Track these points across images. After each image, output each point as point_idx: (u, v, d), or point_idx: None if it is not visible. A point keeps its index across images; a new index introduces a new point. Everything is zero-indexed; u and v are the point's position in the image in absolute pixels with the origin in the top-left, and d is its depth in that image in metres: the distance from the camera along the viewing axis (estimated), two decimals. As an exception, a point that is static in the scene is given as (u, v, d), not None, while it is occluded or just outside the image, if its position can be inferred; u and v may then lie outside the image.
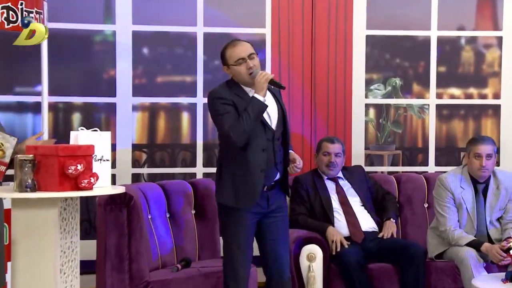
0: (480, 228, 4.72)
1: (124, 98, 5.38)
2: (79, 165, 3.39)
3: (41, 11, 4.41)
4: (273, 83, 3.90)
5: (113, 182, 5.17)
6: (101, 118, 6.22)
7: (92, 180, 3.47)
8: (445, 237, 4.69)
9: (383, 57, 6.39)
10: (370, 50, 5.91)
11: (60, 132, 6.05)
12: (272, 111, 3.94)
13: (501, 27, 5.62)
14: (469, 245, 4.59)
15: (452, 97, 6.64)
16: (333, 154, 4.98)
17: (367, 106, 6.00)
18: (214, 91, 3.92)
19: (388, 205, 5.06)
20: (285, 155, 4.00)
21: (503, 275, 4.17)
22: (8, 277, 3.67)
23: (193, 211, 4.88)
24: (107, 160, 3.85)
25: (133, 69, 5.47)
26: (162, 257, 4.60)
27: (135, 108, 5.75)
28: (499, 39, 5.74)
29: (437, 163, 5.69)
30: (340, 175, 5.06)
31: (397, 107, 6.57)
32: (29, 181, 3.30)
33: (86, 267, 4.33)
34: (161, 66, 5.95)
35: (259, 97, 3.82)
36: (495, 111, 6.26)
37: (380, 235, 4.86)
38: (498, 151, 5.33)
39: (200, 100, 5.47)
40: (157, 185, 4.84)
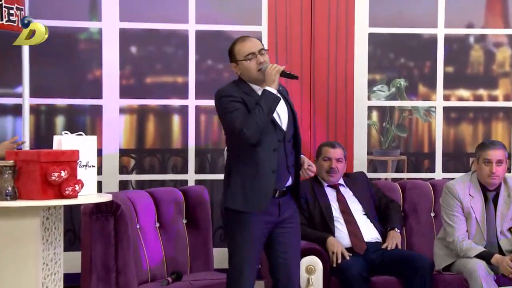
0: (490, 238, 4.73)
1: (111, 100, 5.37)
2: (62, 171, 3.39)
3: (22, 7, 4.41)
4: (285, 75, 3.92)
5: (99, 189, 5.15)
6: (86, 121, 6.22)
7: (76, 187, 3.47)
8: (453, 248, 4.69)
9: (386, 56, 6.40)
10: (372, 49, 5.92)
11: (42, 136, 6.04)
12: (282, 111, 3.95)
13: (512, 25, 5.65)
14: (478, 256, 4.60)
15: (460, 99, 6.65)
16: (334, 159, 4.98)
17: (370, 108, 6.01)
18: (221, 89, 3.94)
19: (392, 214, 5.06)
20: (297, 158, 4.01)
21: (515, 288, 4.18)
22: (-14, 291, 3.66)
23: (185, 221, 4.88)
24: (93, 166, 3.85)
25: (121, 69, 5.47)
26: (151, 270, 4.59)
27: (122, 110, 5.75)
28: (510, 37, 5.76)
29: (445, 170, 5.69)
30: (341, 182, 5.06)
31: (401, 110, 6.59)
32: (9, 188, 3.30)
33: (70, 281, 4.32)
34: (150, 66, 5.96)
35: (271, 89, 3.84)
36: (506, 114, 6.27)
37: (383, 246, 4.86)
38: (509, 156, 5.34)
39: (192, 102, 5.47)
40: (146, 192, 4.83)
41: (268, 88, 3.84)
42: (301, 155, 4.05)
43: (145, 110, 6.19)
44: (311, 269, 4.60)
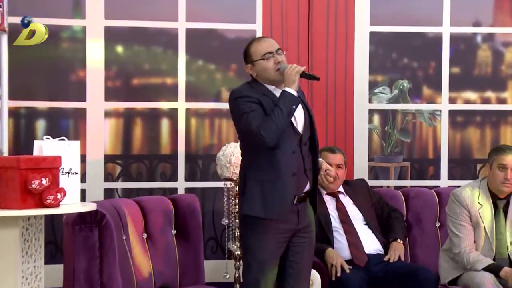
0: (499, 250, 4.73)
1: (95, 102, 5.36)
2: (44, 179, 3.38)
3: (1, 4, 4.41)
4: (305, 76, 3.97)
5: (83, 198, 5.15)
6: (69, 125, 6.21)
7: (58, 196, 3.46)
8: (460, 260, 4.69)
9: (389, 56, 6.41)
10: (374, 48, 5.93)
11: (22, 141, 6.03)
12: (298, 113, 3.98)
13: (522, 23, 5.67)
14: (487, 269, 4.59)
15: (467, 101, 6.66)
16: (333, 165, 4.98)
17: (371, 112, 6.01)
18: (236, 90, 3.97)
19: (395, 224, 5.06)
20: (314, 163, 4.04)
21: (525, 303, 4.18)
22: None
23: (174, 231, 4.87)
24: (76, 173, 3.84)
25: (106, 69, 5.46)
26: (138, 283, 4.58)
27: (108, 114, 5.73)
28: (520, 37, 5.78)
29: (450, 177, 5.70)
30: (340, 189, 5.07)
31: (404, 113, 6.59)
32: (-13, 197, 3.29)
33: (51, 295, 4.31)
34: (137, 66, 5.95)
35: (291, 90, 3.88)
36: (516, 117, 6.29)
37: (386, 258, 4.86)
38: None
39: (182, 105, 5.46)
40: (133, 201, 4.83)
41: (287, 89, 3.88)
42: (319, 159, 4.09)
43: (132, 113, 6.18)
44: (309, 283, 4.60)
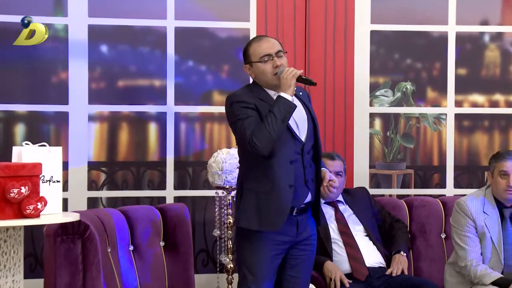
0: (508, 262, 4.73)
1: (78, 106, 5.35)
2: (23, 187, 3.38)
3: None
4: (302, 80, 3.97)
5: (65, 208, 5.14)
6: (50, 130, 6.19)
7: (39, 205, 3.46)
8: (466, 274, 4.69)
9: (391, 57, 6.41)
10: (375, 48, 5.93)
11: None
12: (300, 119, 3.99)
13: (532, 21, 5.68)
14: (495, 284, 4.60)
15: (474, 105, 6.66)
16: (333, 172, 4.98)
17: (372, 116, 6.01)
18: (233, 94, 3.99)
19: (397, 235, 5.06)
20: (317, 173, 4.04)
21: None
22: None
23: (162, 243, 4.87)
24: (58, 181, 3.84)
25: (90, 70, 5.45)
26: (124, 299, 4.58)
27: (91, 118, 5.73)
28: (530, 36, 5.79)
29: (457, 185, 5.70)
30: (340, 198, 5.07)
31: (408, 117, 6.59)
32: (-38, 207, 3.28)
33: (31, 312, 4.30)
34: (123, 67, 5.94)
35: (287, 96, 3.88)
36: (526, 122, 6.29)
37: (388, 272, 4.86)
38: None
39: (170, 108, 5.46)
40: (119, 211, 4.83)
41: (282, 94, 3.89)
42: (322, 168, 4.08)
43: (117, 117, 6.16)
44: (307, 298, 4.60)
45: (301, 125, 3.99)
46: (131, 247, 4.76)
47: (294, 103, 3.90)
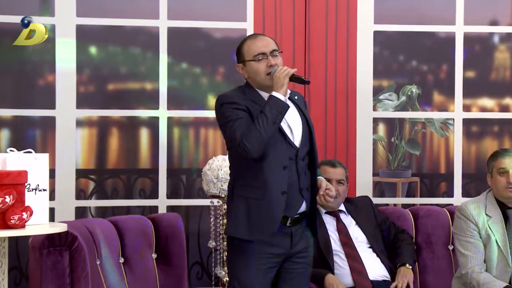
0: (516, 264, 4.72)
1: (65, 110, 5.36)
2: (7, 196, 3.38)
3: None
4: (295, 79, 3.97)
5: (52, 218, 5.14)
6: (36, 136, 6.20)
7: (24, 215, 3.46)
8: (468, 282, 4.66)
9: (395, 58, 6.43)
10: (379, 50, 5.95)
11: (-17, 154, 6.01)
12: (295, 124, 3.99)
13: (544, 22, 5.70)
14: (501, 293, 4.60)
15: (483, 109, 6.68)
16: (334, 181, 4.98)
17: (376, 120, 6.03)
18: (223, 95, 3.99)
19: (402, 247, 5.06)
20: (313, 181, 4.04)
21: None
22: None
23: (154, 255, 4.87)
24: (44, 190, 3.84)
25: (78, 73, 5.45)
26: (114, 315, 4.58)
27: (80, 123, 5.73)
28: (542, 37, 5.80)
29: (465, 194, 5.70)
30: (341, 208, 5.07)
31: (413, 123, 6.60)
32: None
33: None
34: (113, 69, 5.95)
35: (279, 95, 3.88)
36: (537, 127, 6.31)
37: (393, 286, 4.86)
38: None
39: (163, 113, 5.46)
40: (108, 221, 4.82)
41: (275, 93, 3.89)
42: (319, 177, 4.08)
43: (107, 122, 6.18)
44: (306, 313, 4.60)
45: (295, 130, 3.99)
46: (122, 260, 4.76)
47: (286, 103, 3.90)
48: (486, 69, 6.65)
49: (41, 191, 3.81)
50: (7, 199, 3.35)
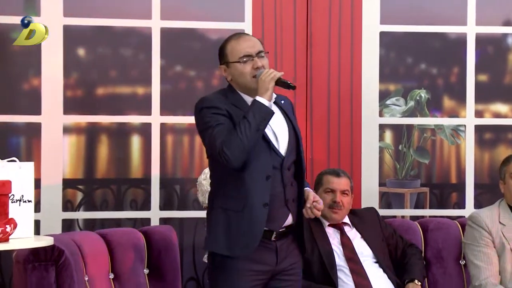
0: (532, 275, 4.73)
1: (52, 116, 5.35)
2: (-10, 207, 3.37)
3: None
4: (281, 84, 3.95)
5: (37, 231, 5.13)
6: (20, 144, 6.19)
7: (7, 228, 3.45)
8: (482, 296, 4.67)
9: (403, 61, 6.42)
10: (385, 51, 5.94)
11: (-36, 163, 6.01)
12: (280, 131, 3.99)
13: (561, 22, 5.71)
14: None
15: (496, 115, 6.67)
16: (338, 191, 4.99)
17: (382, 127, 6.02)
18: (203, 99, 3.98)
19: (411, 261, 5.06)
20: (300, 192, 4.02)
21: None
22: None
23: (147, 270, 4.86)
24: (29, 201, 3.84)
25: (65, 77, 5.45)
26: (103, 334, 4.58)
27: (67, 130, 5.73)
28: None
29: (477, 205, 5.70)
30: (346, 220, 5.07)
31: (422, 129, 6.60)
32: None
33: None
34: (103, 73, 5.94)
35: (263, 100, 3.86)
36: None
37: (400, 303, 4.87)
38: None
39: (156, 119, 5.46)
40: (97, 235, 4.82)
41: (259, 98, 3.87)
42: (306, 188, 4.06)
43: (96, 129, 6.16)
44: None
45: (281, 137, 3.98)
46: (111, 275, 4.75)
47: (271, 109, 3.87)
48: (499, 72, 6.64)
49: (25, 202, 3.81)
50: (-10, 211, 3.35)
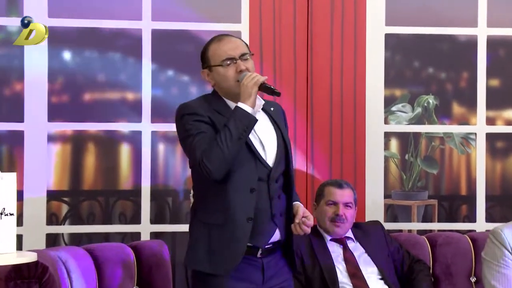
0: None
1: (35, 124, 5.35)
2: (-31, 221, 3.36)
3: None
4: (264, 89, 3.93)
5: (19, 246, 5.11)
6: (1, 153, 6.18)
7: (-12, 243, 3.44)
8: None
9: (409, 65, 6.42)
10: (391, 55, 5.94)
11: None
12: (268, 140, 3.98)
13: None
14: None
15: (509, 122, 6.67)
16: (341, 203, 4.98)
17: (388, 135, 6.02)
18: (184, 105, 3.97)
19: (418, 278, 5.06)
20: (289, 206, 4.01)
21: None
22: None
23: (136, 288, 4.86)
24: (11, 214, 3.82)
25: (50, 81, 5.44)
26: None
27: (52, 138, 5.72)
28: None
29: (489, 219, 5.69)
30: (349, 234, 5.06)
31: (430, 137, 6.59)
32: None
33: None
34: (90, 77, 5.94)
35: (246, 106, 3.84)
36: None
37: (407, 323, 4.86)
38: None
39: (147, 126, 5.45)
40: (84, 250, 4.81)
41: (241, 104, 3.85)
42: (295, 202, 4.04)
43: (82, 137, 6.15)
44: None
45: (268, 147, 3.96)
46: (99, 293, 4.75)
47: (254, 116, 3.85)
48: (512, 77, 6.65)
49: (7, 215, 3.79)
50: (-32, 225, 3.33)
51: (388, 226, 5.42)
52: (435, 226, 6.06)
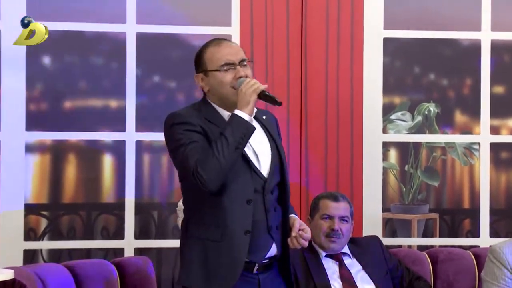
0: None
1: (13, 133, 5.34)
2: None
3: None
4: (264, 97, 3.93)
5: (-5, 262, 5.11)
6: (-23, 164, 6.17)
7: (-39, 259, 3.43)
8: None
9: (409, 71, 6.42)
10: (389, 60, 5.95)
11: None
12: (262, 150, 3.98)
13: None
14: None
15: (514, 132, 6.70)
16: (336, 217, 4.98)
17: (386, 145, 6.02)
18: (174, 114, 3.95)
19: (419, 296, 5.07)
20: (285, 218, 4.00)
21: None
22: None
23: (119, 308, 4.85)
24: (-14, 228, 3.82)
25: (28, 88, 5.44)
26: None
27: (30, 148, 5.71)
28: None
29: (493, 234, 5.70)
30: (345, 250, 5.06)
31: (431, 147, 6.60)
32: None
33: None
34: (70, 83, 5.93)
35: (243, 114, 3.84)
36: None
37: None
38: None
39: (131, 135, 5.45)
40: (64, 267, 4.81)
41: (238, 112, 3.85)
42: (291, 215, 4.04)
43: (63, 147, 6.15)
44: None
45: (262, 157, 3.96)
46: (80, 313, 4.74)
47: (252, 124, 3.85)
48: (518, 83, 6.66)
49: (-18, 230, 3.79)
50: None
51: (386, 241, 5.42)
52: (437, 241, 6.06)
